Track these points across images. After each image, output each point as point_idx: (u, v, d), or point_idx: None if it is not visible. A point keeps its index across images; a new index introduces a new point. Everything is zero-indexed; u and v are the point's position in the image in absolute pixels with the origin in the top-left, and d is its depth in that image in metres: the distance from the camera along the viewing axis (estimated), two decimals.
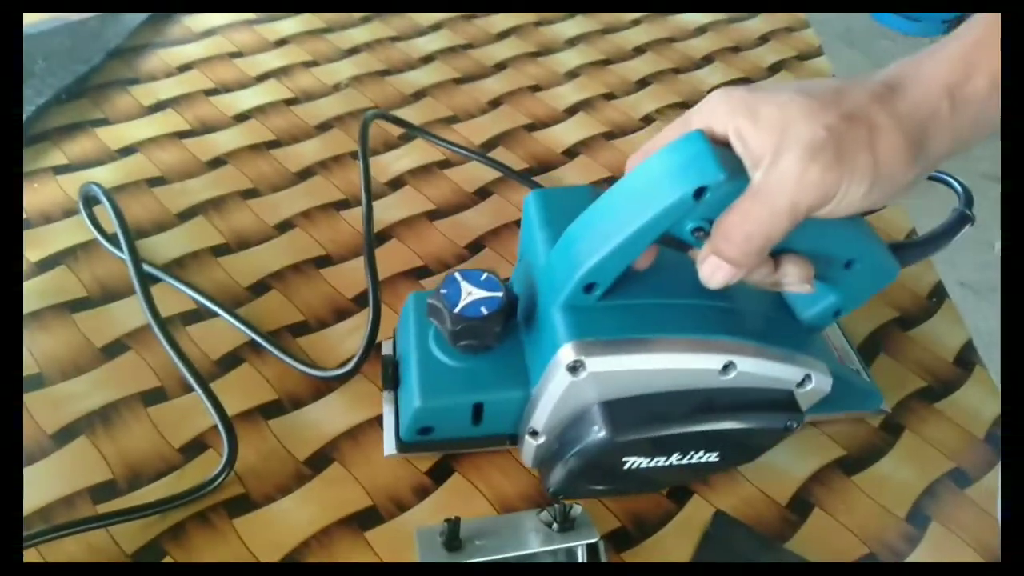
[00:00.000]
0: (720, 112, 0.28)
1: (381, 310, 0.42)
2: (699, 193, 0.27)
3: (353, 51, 0.62)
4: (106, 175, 0.49)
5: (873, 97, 0.27)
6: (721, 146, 0.28)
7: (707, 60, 0.67)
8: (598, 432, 0.30)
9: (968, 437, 0.42)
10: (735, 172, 0.27)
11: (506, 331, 0.33)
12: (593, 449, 0.31)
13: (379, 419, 0.38)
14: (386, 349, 0.40)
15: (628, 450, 0.31)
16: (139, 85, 0.56)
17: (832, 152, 0.26)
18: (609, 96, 0.61)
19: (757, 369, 0.31)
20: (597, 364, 0.30)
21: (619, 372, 0.30)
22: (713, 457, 0.33)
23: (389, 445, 0.36)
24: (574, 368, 0.30)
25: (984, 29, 0.27)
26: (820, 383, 0.33)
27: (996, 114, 0.27)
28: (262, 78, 0.58)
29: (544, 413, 0.32)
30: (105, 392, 0.38)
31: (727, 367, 0.31)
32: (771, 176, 0.27)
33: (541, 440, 0.33)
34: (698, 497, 0.37)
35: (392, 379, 0.37)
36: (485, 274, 0.33)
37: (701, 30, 0.70)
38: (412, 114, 0.56)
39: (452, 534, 0.30)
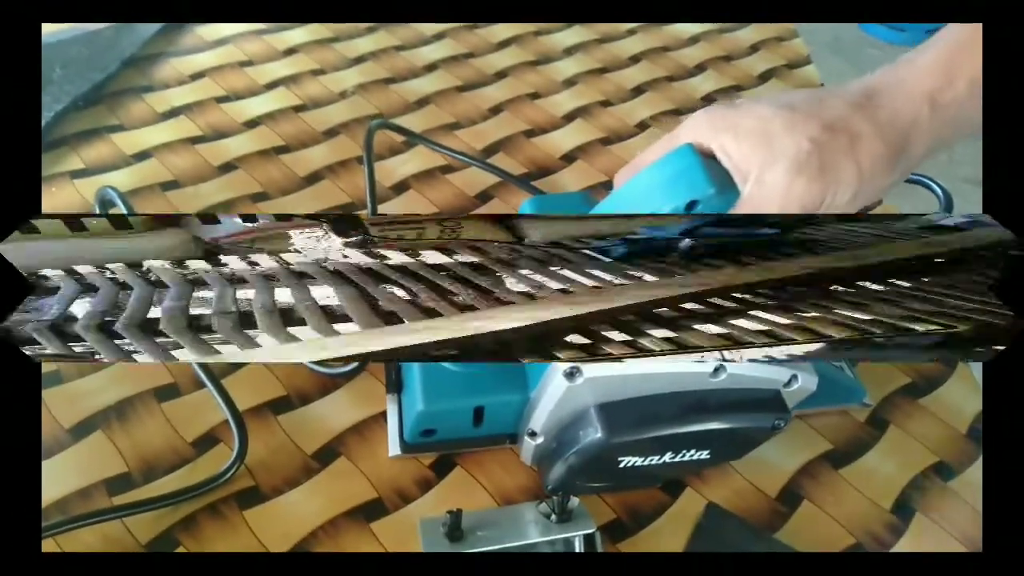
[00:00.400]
0: (703, 129, 0.29)
1: None
2: (690, 206, 0.28)
3: (359, 60, 0.63)
4: (121, 179, 0.50)
5: (853, 106, 0.27)
6: (708, 159, 0.28)
7: (700, 68, 0.67)
8: (595, 434, 0.31)
9: (951, 432, 0.42)
10: (724, 186, 0.28)
11: None
12: (590, 450, 0.32)
13: (383, 415, 0.39)
14: None
15: (623, 450, 0.32)
16: (153, 92, 0.57)
17: (816, 164, 0.26)
18: (605, 103, 0.62)
19: (746, 371, 0.32)
20: (593, 369, 0.30)
21: (614, 376, 0.31)
22: (704, 455, 0.34)
23: (394, 446, 0.37)
24: (571, 374, 0.30)
25: (963, 35, 0.28)
26: (806, 382, 0.33)
27: (974, 114, 0.28)
28: (271, 86, 0.59)
29: (543, 415, 0.33)
30: (120, 388, 0.39)
31: (718, 370, 0.31)
32: (759, 189, 0.27)
33: (540, 440, 0.34)
34: (691, 490, 0.38)
35: (396, 383, 0.38)
36: None
37: (694, 40, 0.71)
38: (416, 121, 0.57)
39: (454, 525, 0.31)
